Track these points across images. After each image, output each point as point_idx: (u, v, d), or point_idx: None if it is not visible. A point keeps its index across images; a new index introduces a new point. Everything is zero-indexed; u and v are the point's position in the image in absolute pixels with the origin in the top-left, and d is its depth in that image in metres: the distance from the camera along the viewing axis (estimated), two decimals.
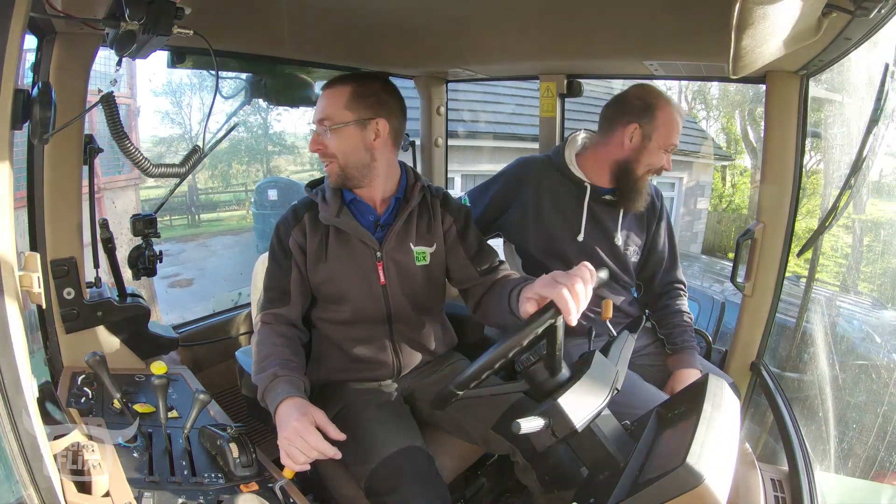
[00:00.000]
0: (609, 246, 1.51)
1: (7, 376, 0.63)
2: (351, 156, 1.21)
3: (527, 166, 1.56)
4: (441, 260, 1.32)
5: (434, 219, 1.32)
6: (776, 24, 0.73)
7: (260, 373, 1.13)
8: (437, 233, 1.31)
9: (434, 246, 1.31)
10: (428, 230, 1.31)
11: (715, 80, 2.01)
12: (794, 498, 0.95)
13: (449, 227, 1.33)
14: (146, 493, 0.83)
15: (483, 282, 1.30)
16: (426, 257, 1.30)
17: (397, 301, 1.29)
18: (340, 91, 1.21)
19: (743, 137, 10.72)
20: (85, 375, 1.12)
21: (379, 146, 1.22)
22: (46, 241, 1.16)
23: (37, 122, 0.75)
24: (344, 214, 1.25)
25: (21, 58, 0.66)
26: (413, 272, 1.29)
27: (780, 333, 2.49)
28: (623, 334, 1.05)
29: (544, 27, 1.28)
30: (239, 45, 1.46)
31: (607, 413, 0.89)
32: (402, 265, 1.28)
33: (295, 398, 1.07)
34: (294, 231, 1.28)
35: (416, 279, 1.30)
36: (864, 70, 1.31)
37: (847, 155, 1.56)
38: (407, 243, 1.28)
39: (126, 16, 0.76)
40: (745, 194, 10.51)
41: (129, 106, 7.31)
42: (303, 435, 0.98)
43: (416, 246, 1.29)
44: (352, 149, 1.21)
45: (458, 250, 1.33)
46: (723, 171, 10.64)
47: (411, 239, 1.29)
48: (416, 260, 1.29)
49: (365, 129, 1.20)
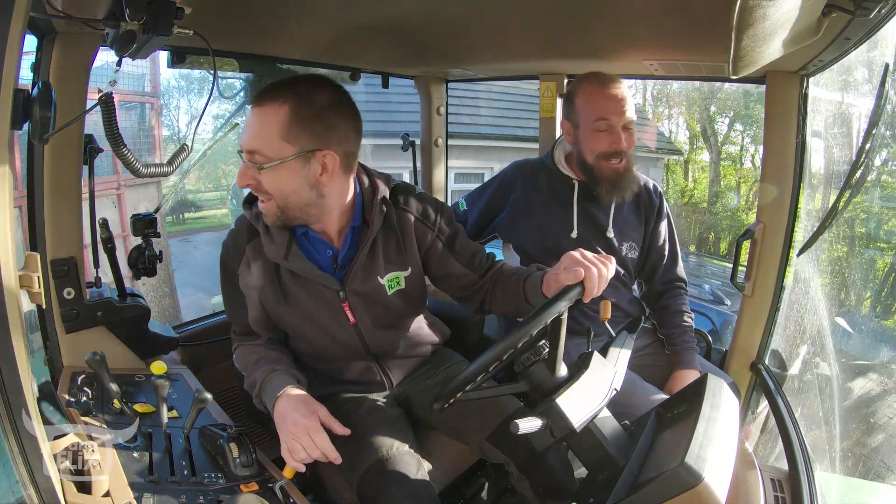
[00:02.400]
0: (603, 241, 1.52)
1: (7, 376, 0.63)
2: (292, 196, 1.00)
3: (519, 169, 1.59)
4: (419, 277, 1.18)
5: (406, 238, 1.14)
6: (776, 24, 0.73)
7: (252, 374, 1.11)
8: (410, 253, 1.15)
9: (409, 269, 1.15)
10: (399, 252, 1.14)
11: (715, 80, 2.02)
12: (794, 498, 0.95)
13: (431, 242, 1.16)
14: (146, 493, 0.83)
15: (484, 283, 1.21)
16: (400, 282, 1.15)
17: (373, 335, 1.17)
18: (274, 113, 0.95)
19: (702, 133, 10.84)
20: (85, 375, 1.12)
21: (327, 181, 1.00)
22: (46, 241, 1.16)
23: (37, 122, 0.75)
24: (294, 255, 1.07)
25: (21, 58, 0.66)
26: (386, 302, 1.15)
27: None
28: (622, 335, 1.05)
29: (544, 27, 1.28)
30: (239, 45, 1.46)
31: (606, 413, 0.89)
32: (372, 299, 1.13)
33: (296, 390, 1.05)
34: (241, 268, 1.11)
35: (390, 308, 1.17)
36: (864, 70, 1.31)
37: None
38: (374, 276, 1.12)
39: (126, 16, 0.76)
40: (704, 189, 10.62)
41: (151, 105, 7.35)
42: (311, 433, 0.97)
43: (386, 274, 1.13)
44: (293, 189, 0.99)
45: (449, 263, 1.19)
46: (685, 166, 10.81)
47: (378, 269, 1.12)
48: (389, 288, 1.14)
49: (308, 164, 0.97)
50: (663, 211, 1.59)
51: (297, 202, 1.01)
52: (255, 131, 0.97)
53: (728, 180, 10.64)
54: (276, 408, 1.04)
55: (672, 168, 10.76)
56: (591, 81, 1.43)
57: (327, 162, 0.99)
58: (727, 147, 10.67)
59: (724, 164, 10.57)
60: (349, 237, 1.11)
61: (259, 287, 1.11)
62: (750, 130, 10.33)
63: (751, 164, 10.36)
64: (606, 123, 1.39)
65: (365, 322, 1.15)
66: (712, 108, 10.47)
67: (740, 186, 10.43)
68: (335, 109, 0.99)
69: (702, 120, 10.81)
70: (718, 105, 10.51)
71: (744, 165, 10.52)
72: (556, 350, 0.88)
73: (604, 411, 0.88)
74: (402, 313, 1.21)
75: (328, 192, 1.03)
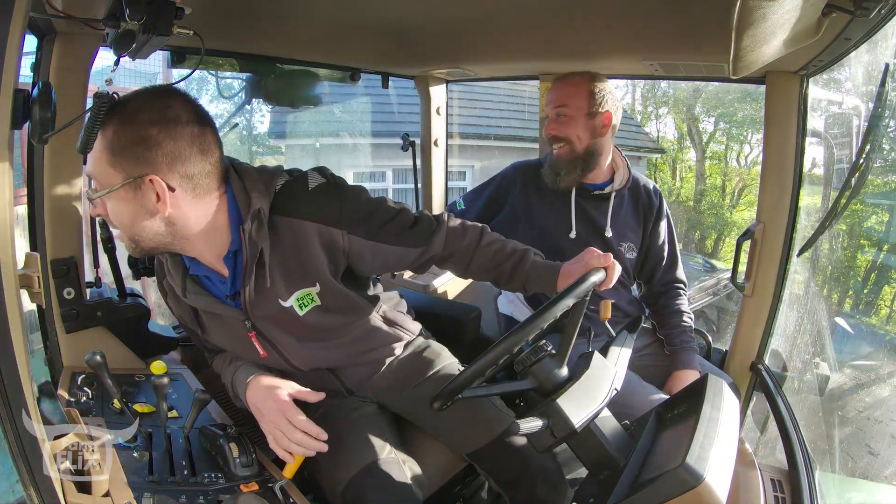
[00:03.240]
0: (601, 242, 1.52)
1: (7, 376, 0.63)
2: (135, 227, 0.90)
3: (519, 169, 1.61)
4: (335, 289, 1.03)
5: (305, 248, 0.98)
6: (776, 24, 0.72)
7: (225, 377, 1.10)
8: (315, 265, 0.99)
9: (317, 284, 1.00)
10: (301, 266, 0.99)
11: (715, 80, 2.02)
12: (794, 498, 0.95)
13: (347, 242, 0.99)
14: (146, 493, 0.83)
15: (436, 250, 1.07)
16: (314, 298, 1.01)
17: (301, 355, 1.08)
18: (103, 135, 0.85)
19: (687, 132, 10.91)
20: (85, 375, 1.12)
21: (169, 208, 0.88)
22: (46, 241, 1.16)
23: (37, 122, 0.75)
24: (191, 291, 1.00)
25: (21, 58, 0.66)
26: (305, 324, 1.03)
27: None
28: (622, 335, 1.05)
29: (544, 27, 1.28)
30: (239, 45, 1.46)
31: (607, 413, 0.89)
32: (286, 322, 1.02)
33: (262, 376, 1.04)
34: (169, 300, 1.09)
35: (312, 327, 1.05)
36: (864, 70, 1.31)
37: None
38: (275, 300, 0.99)
39: (126, 16, 0.76)
40: (690, 187, 10.71)
41: None
42: (286, 415, 0.96)
43: (291, 294, 1.00)
44: (131, 219, 0.89)
45: (384, 251, 1.03)
46: (672, 164, 10.90)
47: (279, 292, 0.99)
48: (301, 308, 1.01)
49: (139, 190, 0.87)
50: (663, 211, 1.59)
51: (143, 233, 0.91)
52: (91, 156, 0.88)
53: (714, 179, 10.70)
54: (248, 400, 1.03)
55: (660, 167, 10.84)
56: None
57: (157, 188, 0.86)
58: (713, 146, 10.75)
59: (709, 163, 10.65)
60: (230, 263, 0.98)
61: (183, 320, 1.10)
62: (733, 129, 10.39)
63: (735, 162, 10.41)
64: (546, 111, 1.52)
65: (285, 345, 1.06)
66: (697, 108, 10.56)
67: (725, 185, 10.50)
68: (161, 128, 0.86)
69: (687, 119, 10.91)
70: (703, 104, 10.59)
71: (729, 164, 10.58)
72: (571, 338, 0.89)
73: (604, 411, 0.88)
74: (333, 327, 1.08)
75: (177, 218, 0.91)
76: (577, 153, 1.48)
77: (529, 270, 1.06)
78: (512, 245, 1.10)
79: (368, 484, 1.03)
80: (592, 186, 1.53)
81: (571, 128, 1.47)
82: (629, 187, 1.56)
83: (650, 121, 11.11)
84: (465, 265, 1.11)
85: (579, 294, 0.88)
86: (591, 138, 1.47)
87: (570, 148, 1.48)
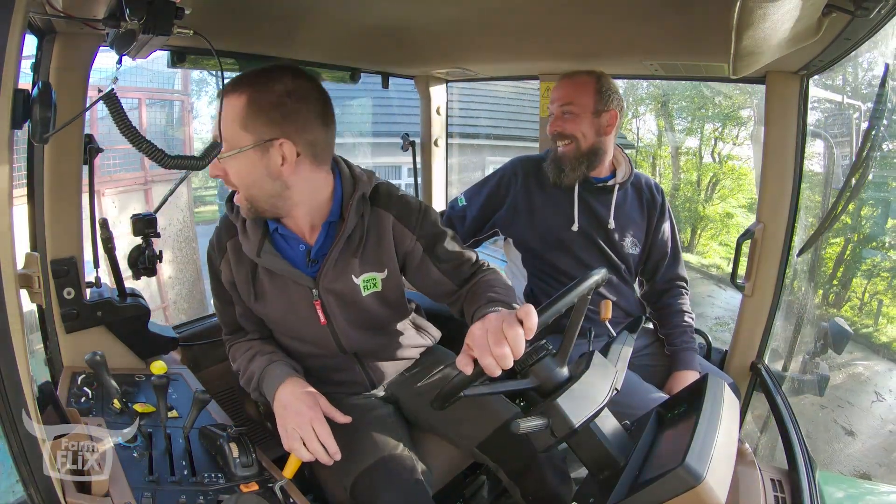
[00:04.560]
0: (604, 233, 1.53)
1: (7, 376, 0.63)
2: (254, 188, 0.99)
3: (520, 164, 1.60)
4: (397, 282, 1.14)
5: (383, 238, 1.09)
6: (776, 24, 0.72)
7: (249, 366, 1.11)
8: (388, 254, 1.10)
9: (386, 271, 1.11)
10: (377, 252, 1.09)
11: (715, 80, 2.02)
12: (794, 498, 0.94)
13: (411, 246, 1.11)
14: (146, 493, 0.83)
15: (462, 293, 1.15)
16: (377, 283, 1.11)
17: (348, 335, 1.14)
18: (235, 101, 0.95)
19: (664, 128, 11.00)
20: (85, 375, 1.12)
21: (289, 172, 0.98)
22: (46, 240, 1.16)
23: (37, 122, 0.75)
24: (266, 251, 1.06)
25: (21, 58, 0.66)
26: (361, 304, 1.11)
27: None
28: (622, 334, 1.05)
29: (544, 27, 1.28)
30: (239, 45, 1.46)
31: (607, 413, 0.89)
32: (347, 298, 1.10)
33: (297, 379, 1.05)
34: (222, 264, 1.13)
35: (366, 310, 1.13)
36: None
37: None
38: (348, 274, 1.08)
39: (126, 16, 0.76)
40: (668, 182, 10.79)
41: (182, 103, 7.38)
42: (314, 424, 0.98)
43: (361, 274, 1.09)
44: (253, 180, 0.98)
45: (428, 269, 1.13)
46: (651, 160, 11.00)
47: (353, 268, 1.08)
48: (364, 289, 1.10)
49: (267, 153, 0.95)
50: (665, 208, 1.60)
51: (260, 193, 0.99)
52: (220, 121, 0.95)
53: (689, 174, 10.74)
54: (277, 397, 1.03)
55: (639, 163, 10.88)
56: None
57: (286, 152, 0.95)
58: (687, 142, 10.79)
59: (684, 159, 10.70)
60: (324, 232, 1.07)
61: (237, 283, 1.13)
62: (706, 125, 10.43)
63: (710, 157, 10.45)
64: (551, 108, 1.52)
65: (339, 322, 1.13)
66: (670, 104, 10.63)
67: (700, 180, 10.55)
68: (295, 97, 0.95)
69: (662, 115, 10.99)
70: (675, 100, 10.65)
71: (704, 160, 10.61)
72: (572, 337, 0.88)
73: (604, 411, 0.88)
74: (380, 317, 1.17)
75: (294, 183, 0.99)
76: (582, 151, 1.48)
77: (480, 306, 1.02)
78: (485, 291, 1.06)
79: (380, 477, 1.04)
80: (596, 179, 1.53)
81: (577, 125, 1.47)
82: (632, 182, 1.56)
83: (629, 120, 11.17)
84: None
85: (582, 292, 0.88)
86: (595, 136, 1.47)
87: (576, 145, 1.48)
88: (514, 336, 0.78)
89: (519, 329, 0.79)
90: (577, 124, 1.47)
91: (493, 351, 0.78)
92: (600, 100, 1.46)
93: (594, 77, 1.47)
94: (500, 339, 0.79)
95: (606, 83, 1.47)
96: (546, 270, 1.55)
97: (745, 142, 9.77)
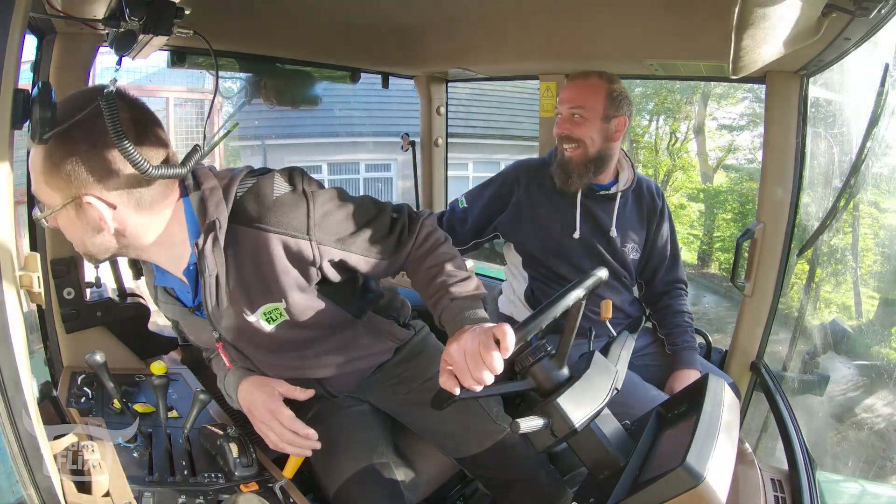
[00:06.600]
0: (605, 240, 1.52)
1: (7, 376, 0.63)
2: (88, 245, 0.85)
3: (522, 168, 1.58)
4: (307, 304, 0.96)
5: (266, 262, 0.89)
6: (776, 24, 0.73)
7: (223, 380, 1.08)
8: (280, 280, 0.91)
9: (283, 301, 0.93)
10: (263, 283, 0.91)
11: (715, 80, 2.02)
12: (794, 498, 0.95)
13: (315, 253, 0.91)
14: (146, 493, 0.83)
15: (400, 261, 1.00)
16: (281, 314, 0.95)
17: (273, 367, 1.04)
18: (34, 153, 0.79)
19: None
20: (85, 375, 1.12)
21: (112, 223, 0.82)
22: (46, 241, 1.16)
23: (37, 122, 0.75)
24: (162, 300, 0.99)
25: (21, 58, 0.66)
26: (274, 336, 0.97)
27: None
28: (623, 334, 1.05)
29: (544, 27, 1.28)
30: (239, 45, 1.46)
31: (607, 413, 0.89)
32: (254, 335, 0.97)
33: (252, 375, 1.03)
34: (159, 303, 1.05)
35: (282, 341, 0.99)
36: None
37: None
38: (239, 315, 0.93)
39: (126, 16, 0.76)
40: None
41: (206, 101, 7.43)
42: (276, 414, 0.96)
43: (256, 308, 0.93)
44: (80, 238, 0.85)
45: (350, 267, 0.97)
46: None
47: (241, 306, 0.93)
48: (268, 322, 0.95)
49: (81, 209, 0.80)
50: (665, 212, 1.59)
51: (95, 248, 0.86)
52: (31, 175, 0.82)
53: (646, 170, 10.77)
54: (241, 402, 1.03)
55: None
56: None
57: (96, 207, 0.79)
58: (646, 137, 10.79)
59: (643, 153, 10.69)
60: (191, 278, 0.93)
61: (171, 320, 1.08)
62: (660, 119, 10.43)
63: (666, 151, 10.46)
64: (559, 109, 1.47)
65: (259, 355, 1.03)
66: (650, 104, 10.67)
67: (657, 173, 10.56)
68: (92, 142, 0.77)
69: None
70: (637, 98, 10.69)
71: (659, 153, 10.60)
72: (570, 338, 0.88)
73: (605, 411, 0.88)
74: (309, 339, 1.03)
75: (126, 231, 0.84)
76: (590, 156, 1.45)
77: (444, 307, 0.95)
78: (454, 277, 0.96)
79: (358, 492, 1.02)
80: (598, 187, 1.51)
81: (585, 129, 1.43)
82: (633, 188, 1.55)
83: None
84: (410, 275, 1.03)
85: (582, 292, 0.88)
86: (603, 142, 1.44)
87: (584, 150, 1.44)
88: (491, 360, 0.79)
89: (495, 352, 0.79)
90: (587, 128, 1.43)
91: (473, 375, 0.79)
92: (611, 105, 1.42)
93: (605, 80, 1.43)
94: (479, 363, 0.79)
95: (618, 87, 1.44)
96: (546, 275, 1.54)
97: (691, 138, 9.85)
